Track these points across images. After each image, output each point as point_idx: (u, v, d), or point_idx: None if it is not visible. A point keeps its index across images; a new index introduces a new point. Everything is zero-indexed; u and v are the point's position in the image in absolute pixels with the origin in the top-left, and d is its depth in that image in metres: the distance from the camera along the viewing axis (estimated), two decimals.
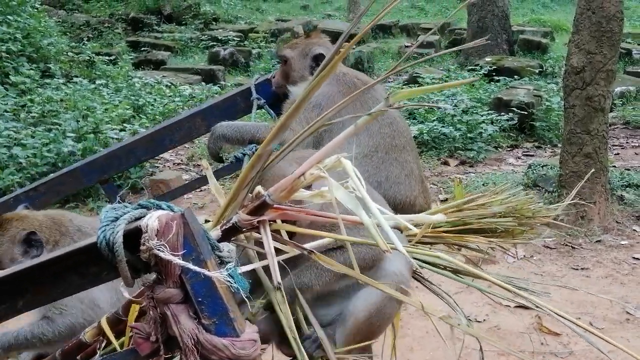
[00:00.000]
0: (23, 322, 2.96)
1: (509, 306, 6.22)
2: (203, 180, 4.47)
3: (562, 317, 1.91)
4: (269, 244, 1.86)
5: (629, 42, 19.22)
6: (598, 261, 7.43)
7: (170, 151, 11.12)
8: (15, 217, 3.07)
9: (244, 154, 3.57)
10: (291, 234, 2.10)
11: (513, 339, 5.68)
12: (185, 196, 8.74)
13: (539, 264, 7.36)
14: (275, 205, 1.83)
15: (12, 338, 2.83)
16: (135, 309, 2.00)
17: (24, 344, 2.86)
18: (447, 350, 5.40)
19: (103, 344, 2.21)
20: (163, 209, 1.69)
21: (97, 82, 13.05)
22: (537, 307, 2.14)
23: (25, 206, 3.43)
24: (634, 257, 7.49)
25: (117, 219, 1.65)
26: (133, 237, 1.61)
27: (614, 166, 10.35)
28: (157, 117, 12.08)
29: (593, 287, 6.69)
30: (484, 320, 6.08)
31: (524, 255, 7.46)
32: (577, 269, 7.24)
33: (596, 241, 7.92)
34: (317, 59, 3.90)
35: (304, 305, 2.08)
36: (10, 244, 2.97)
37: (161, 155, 10.99)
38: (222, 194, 2.13)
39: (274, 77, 4.12)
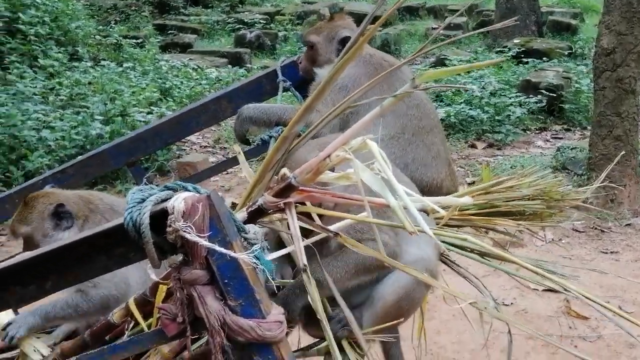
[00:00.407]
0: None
1: (536, 290, 6.19)
2: (230, 163, 4.49)
3: (591, 300, 1.88)
4: (295, 226, 1.85)
5: None
6: (628, 245, 7.36)
7: (196, 134, 11.18)
8: (41, 195, 3.09)
9: (270, 137, 3.56)
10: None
11: (541, 323, 5.65)
12: (211, 179, 8.77)
13: (567, 248, 7.29)
14: (300, 188, 1.82)
15: (50, 307, 2.86)
16: (162, 291, 2.01)
17: (60, 314, 2.88)
18: (474, 333, 5.40)
19: (131, 325, 2.23)
20: (189, 190, 1.69)
21: (125, 65, 13.12)
22: (565, 290, 2.11)
23: (51, 186, 3.44)
24: None
25: (143, 200, 1.65)
26: (160, 218, 1.62)
27: None
28: (183, 99, 12.12)
29: (623, 270, 6.62)
30: (512, 303, 6.05)
31: (552, 239, 7.40)
32: (606, 253, 7.17)
33: (626, 225, 7.84)
34: (344, 41, 3.86)
35: (331, 285, 2.06)
36: (40, 220, 3.00)
37: (188, 138, 11.04)
38: (253, 176, 2.13)
39: (300, 61, 4.09)
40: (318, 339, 2.72)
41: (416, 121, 3.50)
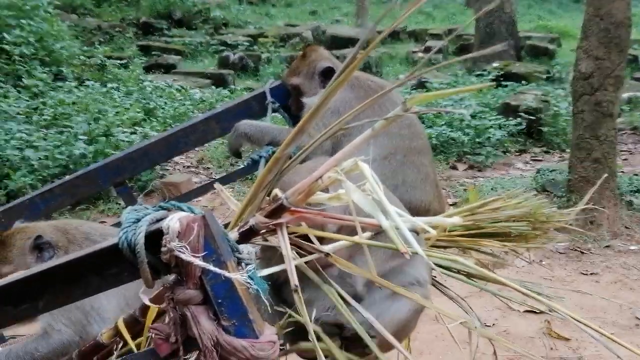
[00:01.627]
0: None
1: (518, 311, 6.23)
2: (211, 186, 4.46)
3: (576, 320, 1.91)
4: (287, 247, 1.86)
5: (636, 49, 19.20)
6: (607, 266, 7.43)
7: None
8: (16, 231, 3.04)
9: (260, 156, 3.57)
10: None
11: (523, 344, 5.68)
12: (195, 199, 8.76)
13: (548, 269, 7.36)
14: (292, 208, 1.84)
15: (3, 356, 2.83)
16: (153, 311, 2.01)
17: None
18: (456, 353, 5.43)
19: (120, 345, 2.23)
20: (184, 210, 1.70)
21: (109, 85, 13.14)
22: (550, 310, 2.14)
23: (21, 221, 3.37)
24: None
25: (138, 220, 1.66)
26: (154, 238, 1.62)
27: (622, 171, 10.34)
28: (167, 120, 12.14)
29: (602, 292, 6.69)
30: (494, 324, 6.08)
31: (533, 260, 7.45)
32: (586, 274, 7.24)
33: (605, 246, 7.91)
34: (325, 73, 3.90)
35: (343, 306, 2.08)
36: (22, 256, 2.95)
37: (171, 159, 11.05)
38: (238, 207, 2.14)
39: (291, 104, 4.10)
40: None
41: (408, 141, 3.52)
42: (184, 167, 11.25)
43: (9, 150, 8.81)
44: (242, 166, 3.91)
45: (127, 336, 2.19)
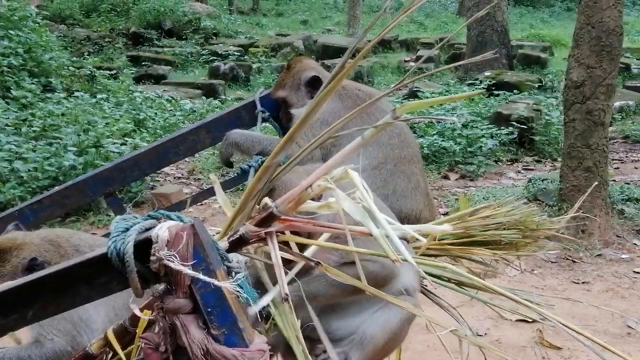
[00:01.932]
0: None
1: (510, 320, 6.23)
2: (206, 194, 4.47)
3: (567, 327, 1.91)
4: (277, 256, 1.85)
5: (628, 57, 19.34)
6: (599, 275, 7.44)
7: (171, 165, 11.14)
8: (12, 246, 3.01)
9: (250, 166, 3.57)
10: (304, 246, 2.10)
11: (515, 353, 5.67)
12: (186, 209, 8.73)
13: (540, 278, 7.36)
14: (282, 217, 1.83)
15: None
16: (144, 320, 2.00)
17: None
18: None
19: (109, 356, 2.21)
20: (173, 219, 1.70)
21: (98, 96, 13.13)
22: (542, 318, 2.14)
23: (15, 225, 3.35)
24: (634, 271, 7.50)
25: (127, 229, 1.65)
26: (143, 247, 1.62)
27: (614, 180, 10.38)
28: (158, 131, 12.13)
29: (594, 301, 6.69)
30: (485, 334, 6.08)
31: (524, 269, 7.46)
32: (578, 283, 7.24)
33: (597, 255, 7.93)
34: (311, 82, 3.89)
35: (315, 322, 2.07)
36: (13, 273, 2.95)
37: (162, 169, 11.02)
38: (230, 206, 2.13)
39: (281, 117, 4.09)
40: None
41: (398, 150, 3.51)
42: (174, 178, 11.22)
43: None
44: (232, 176, 3.90)
45: (117, 346, 2.17)
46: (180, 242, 1.58)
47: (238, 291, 1.62)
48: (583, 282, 7.26)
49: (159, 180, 10.87)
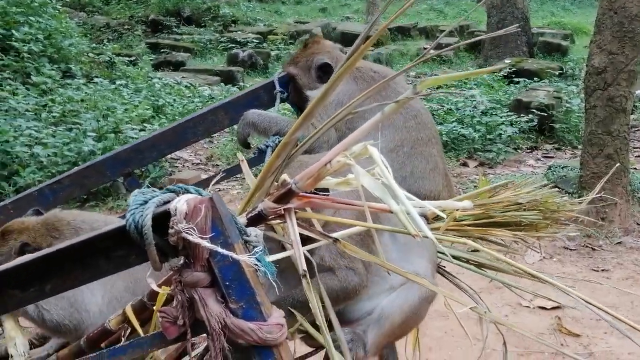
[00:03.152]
0: None
1: (528, 307, 6.20)
2: (232, 172, 4.39)
3: (594, 305, 1.89)
4: (295, 232, 1.84)
5: None
6: (618, 262, 7.38)
7: (189, 151, 11.17)
8: (17, 229, 3.06)
9: (267, 146, 3.56)
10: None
11: (533, 339, 5.64)
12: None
13: (559, 265, 7.31)
14: (301, 193, 1.82)
15: None
16: (162, 295, 2.00)
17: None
18: (465, 350, 5.40)
19: (128, 332, 2.22)
20: (191, 192, 1.69)
21: (117, 82, 13.16)
22: (564, 303, 2.12)
23: (35, 210, 3.38)
24: None
25: (145, 202, 1.64)
26: (161, 220, 1.61)
27: (635, 168, 10.27)
28: (176, 117, 12.14)
29: (613, 289, 6.64)
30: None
31: (544, 257, 7.42)
32: (597, 271, 7.19)
33: (617, 243, 7.86)
34: (321, 68, 3.84)
35: (328, 306, 2.05)
36: (8, 257, 2.99)
37: (180, 155, 11.05)
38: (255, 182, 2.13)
39: (290, 91, 4.07)
40: (314, 349, 2.71)
41: (415, 133, 3.47)
42: (192, 164, 11.25)
43: (17, 147, 8.83)
44: (250, 157, 3.88)
45: (135, 322, 2.18)
46: (199, 215, 1.58)
47: (256, 264, 1.62)
48: (602, 270, 7.21)
49: (177, 167, 10.90)
